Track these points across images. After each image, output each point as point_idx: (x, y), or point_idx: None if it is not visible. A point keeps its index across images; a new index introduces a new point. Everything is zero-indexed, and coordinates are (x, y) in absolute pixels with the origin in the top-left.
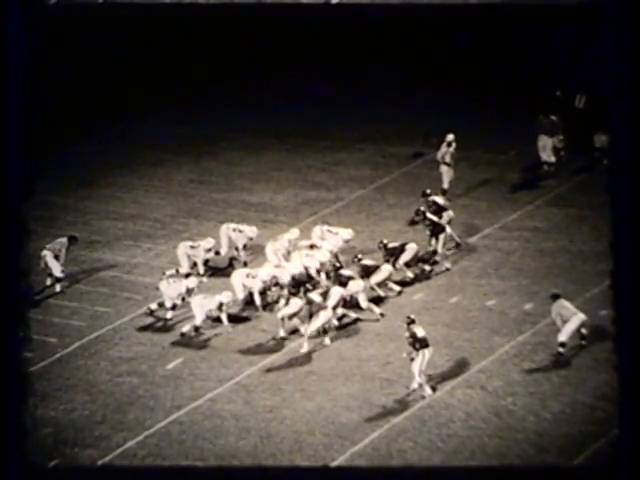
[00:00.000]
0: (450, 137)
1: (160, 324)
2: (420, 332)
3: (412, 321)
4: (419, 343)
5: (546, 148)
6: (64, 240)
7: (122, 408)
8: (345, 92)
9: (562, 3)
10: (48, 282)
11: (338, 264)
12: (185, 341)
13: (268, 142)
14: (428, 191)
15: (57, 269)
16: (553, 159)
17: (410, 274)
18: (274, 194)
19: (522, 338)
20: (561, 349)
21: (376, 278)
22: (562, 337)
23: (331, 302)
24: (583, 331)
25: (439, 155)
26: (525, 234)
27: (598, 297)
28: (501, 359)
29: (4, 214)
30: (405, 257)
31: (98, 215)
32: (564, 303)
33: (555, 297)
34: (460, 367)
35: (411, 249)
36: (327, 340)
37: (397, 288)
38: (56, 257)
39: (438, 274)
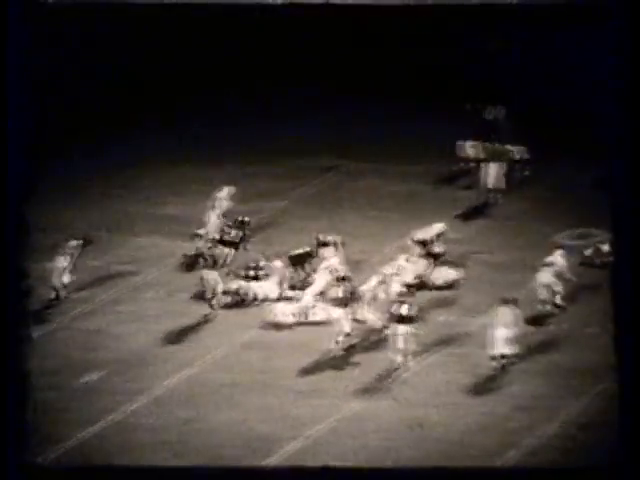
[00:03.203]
0: None
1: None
2: (404, 310)
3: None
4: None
5: (492, 175)
6: (74, 243)
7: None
8: (258, 104)
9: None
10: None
11: None
12: (104, 354)
13: (181, 155)
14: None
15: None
16: (503, 186)
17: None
18: (187, 207)
19: (436, 349)
20: (502, 360)
21: None
22: (494, 349)
23: None
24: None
25: None
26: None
27: None
28: (415, 370)
29: (4, 214)
30: None
31: None
32: (509, 311)
33: (506, 302)
34: (374, 379)
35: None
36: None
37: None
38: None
39: None
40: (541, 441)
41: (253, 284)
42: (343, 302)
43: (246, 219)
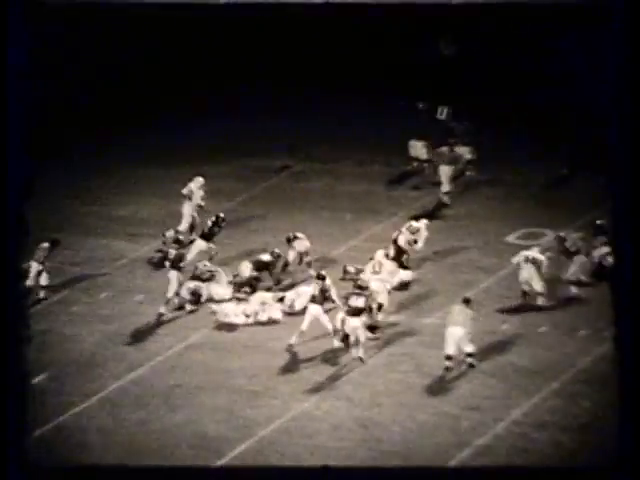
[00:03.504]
0: None
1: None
2: (353, 301)
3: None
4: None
5: (441, 176)
6: (46, 245)
7: None
8: (209, 104)
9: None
10: (42, 294)
11: None
12: (56, 354)
13: (133, 155)
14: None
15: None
16: (452, 186)
17: None
18: (138, 207)
19: (388, 349)
20: (460, 362)
21: None
22: (447, 349)
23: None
24: (465, 346)
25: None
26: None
27: None
28: (367, 370)
29: (4, 214)
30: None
31: None
32: (467, 311)
33: (466, 302)
34: (327, 379)
35: None
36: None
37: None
38: (42, 263)
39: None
40: (494, 440)
41: (208, 284)
42: (319, 300)
43: (221, 215)
